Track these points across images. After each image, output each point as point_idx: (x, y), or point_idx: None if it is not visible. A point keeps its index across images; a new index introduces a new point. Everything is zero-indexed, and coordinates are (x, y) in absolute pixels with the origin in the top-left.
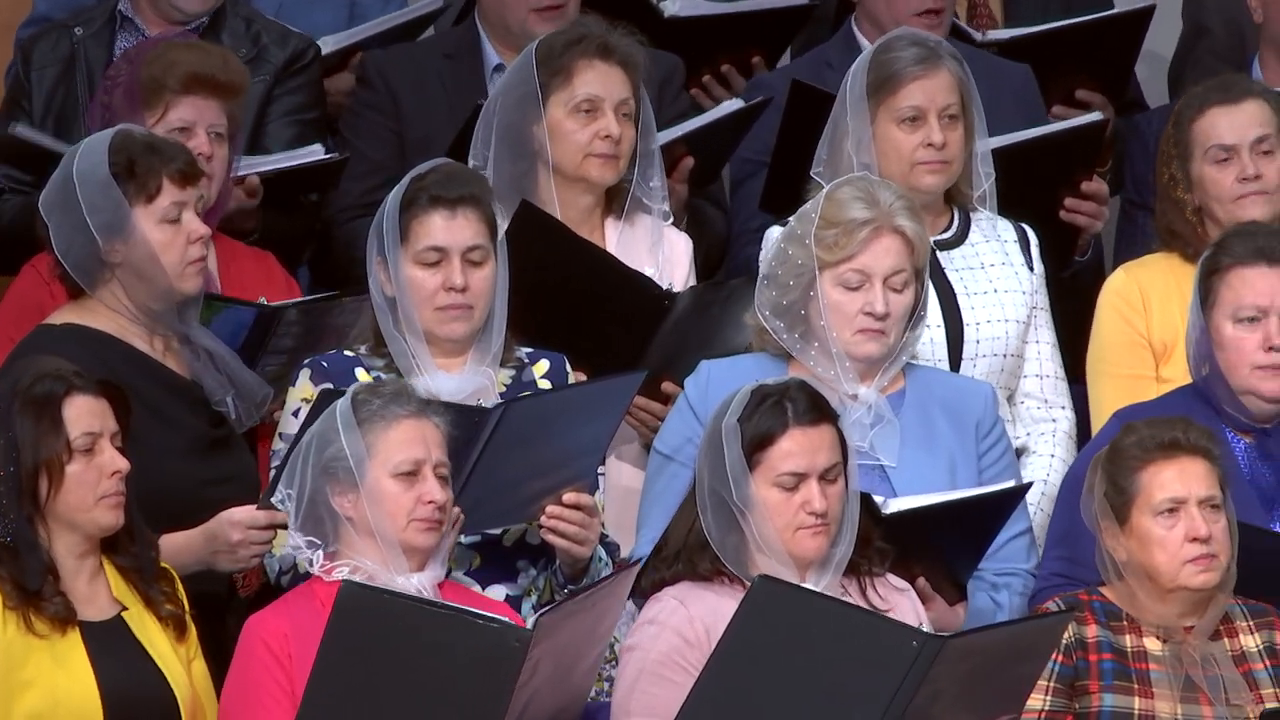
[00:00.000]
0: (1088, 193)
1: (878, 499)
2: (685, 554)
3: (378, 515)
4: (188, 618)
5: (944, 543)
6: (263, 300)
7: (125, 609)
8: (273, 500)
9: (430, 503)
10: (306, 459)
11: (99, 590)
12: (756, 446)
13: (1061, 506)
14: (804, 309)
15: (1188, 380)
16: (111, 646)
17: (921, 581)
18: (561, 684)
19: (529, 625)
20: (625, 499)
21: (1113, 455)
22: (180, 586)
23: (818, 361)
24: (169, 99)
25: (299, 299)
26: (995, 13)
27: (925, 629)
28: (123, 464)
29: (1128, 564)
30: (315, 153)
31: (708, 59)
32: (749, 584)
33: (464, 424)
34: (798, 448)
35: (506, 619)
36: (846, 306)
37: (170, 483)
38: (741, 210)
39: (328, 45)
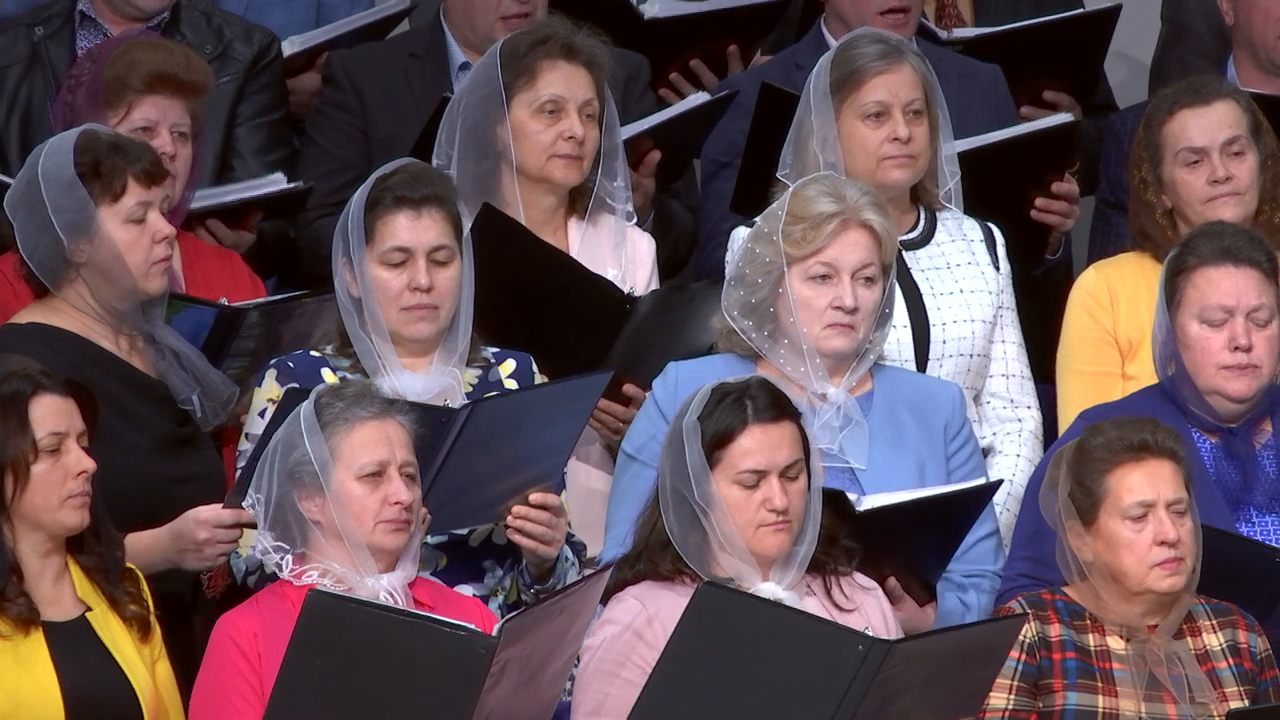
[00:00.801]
0: (1059, 193)
1: (851, 496)
2: (647, 553)
3: (344, 518)
4: (152, 618)
5: (913, 542)
6: (223, 301)
7: (89, 609)
8: (242, 505)
9: (396, 503)
10: (273, 464)
11: (64, 591)
12: (716, 444)
13: (1028, 507)
14: (773, 306)
15: (1153, 378)
16: (74, 647)
17: (892, 582)
18: (530, 688)
19: (495, 631)
20: (588, 500)
21: (1080, 457)
22: (145, 587)
23: (787, 360)
24: (132, 98)
25: (260, 300)
26: (964, 13)
27: (892, 628)
28: (89, 464)
29: (1093, 564)
30: (278, 181)
31: (683, 58)
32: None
33: (430, 424)
34: (757, 445)
35: (472, 625)
36: (815, 301)
37: (136, 481)
38: (713, 212)
39: (294, 45)
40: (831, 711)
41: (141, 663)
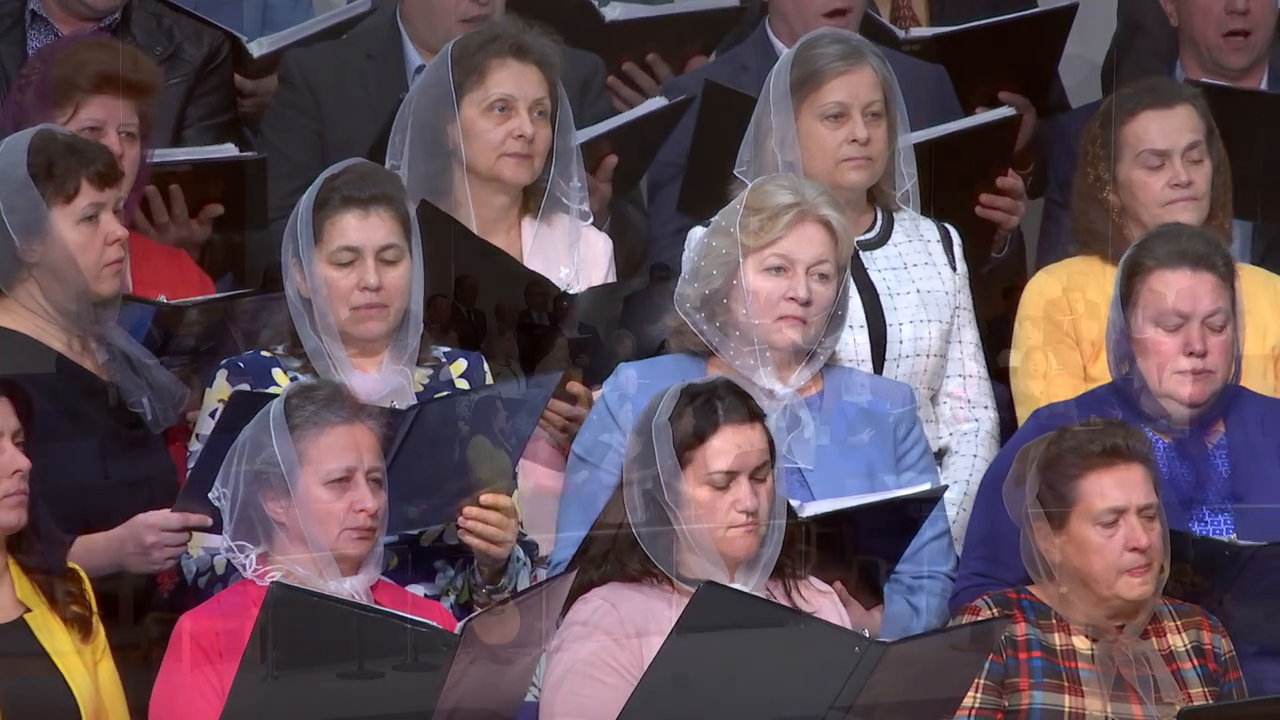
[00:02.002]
0: (1003, 188)
1: (794, 503)
2: (614, 554)
3: (309, 522)
4: (95, 619)
5: (860, 546)
6: (162, 298)
7: (29, 610)
8: (210, 497)
9: (362, 510)
10: (240, 462)
11: (3, 592)
12: (688, 445)
13: (981, 507)
14: (726, 298)
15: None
16: (12, 650)
17: (839, 585)
18: (494, 687)
19: (457, 629)
20: (537, 498)
21: (1050, 459)
22: (89, 587)
23: (737, 353)
24: (79, 99)
25: (199, 298)
26: (919, 14)
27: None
28: (23, 462)
29: (1061, 566)
30: (229, 150)
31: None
32: (678, 583)
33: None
34: (729, 446)
35: (433, 623)
36: (769, 293)
37: (86, 483)
38: (660, 214)
39: (263, 46)
40: (823, 712)
41: (82, 664)
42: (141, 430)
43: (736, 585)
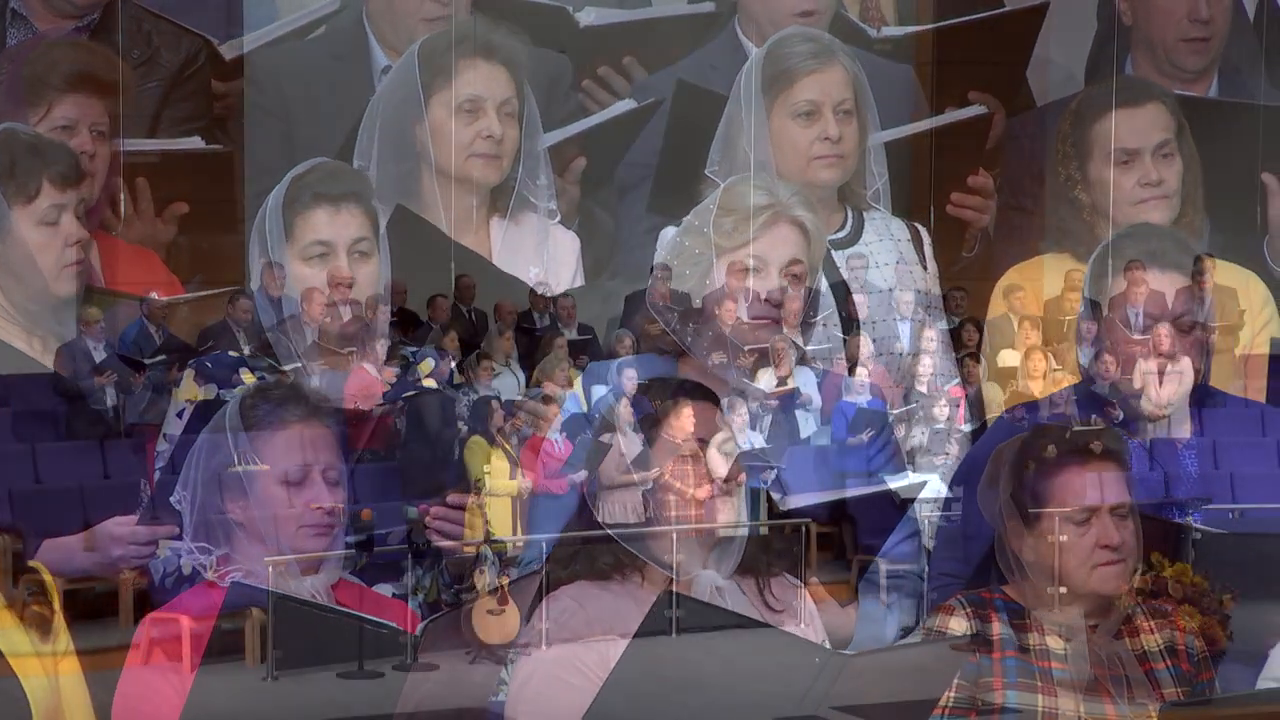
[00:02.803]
0: (974, 187)
1: (776, 496)
2: (585, 552)
3: (267, 522)
4: (57, 618)
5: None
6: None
7: None
8: (170, 500)
9: (319, 508)
10: (197, 464)
11: None
12: (654, 424)
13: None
14: (699, 299)
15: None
16: None
17: (815, 582)
18: (459, 686)
19: (418, 631)
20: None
21: (1024, 459)
22: (50, 585)
23: (710, 353)
24: (52, 97)
25: (185, 295)
26: (886, 13)
27: (818, 627)
28: None
29: (1034, 565)
30: (196, 142)
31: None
32: (647, 581)
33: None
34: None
35: (392, 624)
36: (742, 293)
37: (52, 482)
38: (629, 214)
39: (234, 50)
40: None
41: (40, 664)
42: (104, 427)
43: (710, 572)
